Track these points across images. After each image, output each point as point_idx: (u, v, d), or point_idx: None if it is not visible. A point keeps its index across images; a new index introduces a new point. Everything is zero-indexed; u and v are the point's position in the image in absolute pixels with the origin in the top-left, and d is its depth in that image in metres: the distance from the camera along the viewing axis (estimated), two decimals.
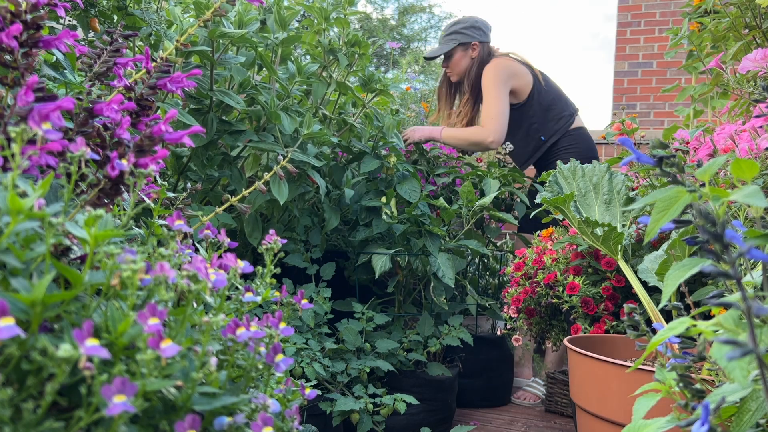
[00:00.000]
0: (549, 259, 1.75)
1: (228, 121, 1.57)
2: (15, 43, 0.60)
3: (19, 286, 0.44)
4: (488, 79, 2.32)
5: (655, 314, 1.22)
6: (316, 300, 1.75)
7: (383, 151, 1.98)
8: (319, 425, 1.57)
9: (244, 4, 1.50)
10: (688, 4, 2.11)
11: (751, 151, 1.07)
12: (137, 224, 0.75)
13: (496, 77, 2.31)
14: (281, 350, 0.62)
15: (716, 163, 0.58)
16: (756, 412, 0.58)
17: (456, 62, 2.42)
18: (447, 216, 1.97)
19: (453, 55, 2.41)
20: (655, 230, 0.58)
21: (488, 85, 2.31)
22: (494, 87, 2.30)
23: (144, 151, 0.64)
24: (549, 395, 2.15)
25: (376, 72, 1.88)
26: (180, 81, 0.79)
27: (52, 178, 0.50)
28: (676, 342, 0.73)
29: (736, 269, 0.47)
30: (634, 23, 5.41)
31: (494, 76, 2.31)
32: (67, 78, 0.94)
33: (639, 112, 5.28)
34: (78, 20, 1.41)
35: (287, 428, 0.63)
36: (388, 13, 11.73)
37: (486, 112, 2.30)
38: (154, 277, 0.51)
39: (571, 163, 1.59)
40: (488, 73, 2.33)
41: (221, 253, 0.70)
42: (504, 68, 2.33)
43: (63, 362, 0.41)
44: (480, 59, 2.40)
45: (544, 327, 1.83)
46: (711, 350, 0.53)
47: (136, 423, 0.48)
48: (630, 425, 0.67)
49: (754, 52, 1.20)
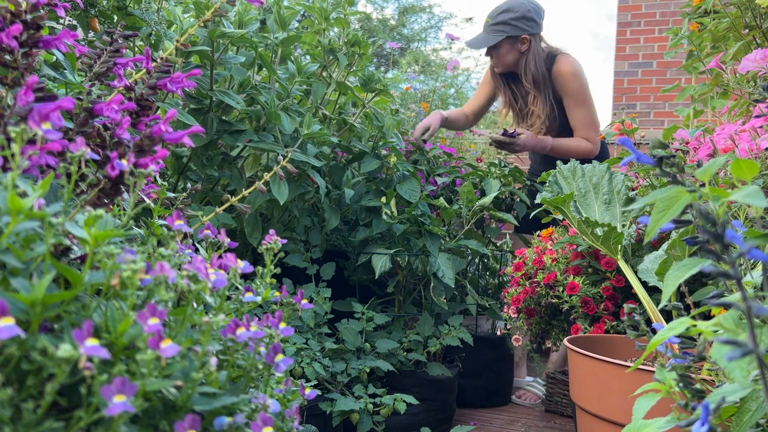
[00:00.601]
0: (549, 259, 1.75)
1: (228, 121, 1.57)
2: (15, 43, 0.60)
3: (19, 286, 0.44)
4: (577, 83, 2.18)
5: (655, 314, 1.22)
6: (316, 300, 1.75)
7: (383, 151, 1.98)
8: (319, 425, 1.57)
9: (244, 4, 1.50)
10: (688, 4, 2.11)
11: (751, 151, 1.07)
12: (137, 224, 0.75)
13: (584, 81, 2.18)
14: (281, 350, 0.62)
15: (716, 163, 0.58)
16: (756, 412, 0.58)
17: (502, 55, 2.23)
18: (447, 216, 1.97)
19: (499, 47, 2.20)
20: (655, 230, 0.58)
21: (578, 91, 2.18)
22: (586, 92, 2.19)
23: (144, 151, 0.64)
24: (549, 395, 2.15)
25: (376, 72, 1.88)
26: (180, 81, 0.79)
27: (52, 178, 0.50)
28: (676, 342, 0.73)
29: (736, 269, 0.47)
30: (634, 23, 5.42)
31: (582, 79, 2.18)
32: (67, 78, 0.94)
33: (639, 112, 5.28)
34: (78, 20, 1.41)
35: (287, 428, 0.63)
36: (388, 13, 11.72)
37: (585, 121, 2.18)
38: (154, 277, 0.51)
39: (571, 163, 1.59)
40: (575, 77, 2.17)
41: (221, 253, 0.70)
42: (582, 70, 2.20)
43: (63, 362, 0.41)
44: (534, 53, 2.20)
45: (544, 327, 1.83)
46: (711, 350, 0.53)
47: (136, 423, 0.48)
48: (630, 425, 0.67)
49: (754, 52, 1.20)
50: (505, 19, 2.17)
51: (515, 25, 2.17)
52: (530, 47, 2.21)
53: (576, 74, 2.19)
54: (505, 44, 2.20)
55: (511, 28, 2.17)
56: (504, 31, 2.17)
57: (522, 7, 2.18)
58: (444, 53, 9.96)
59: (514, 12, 2.17)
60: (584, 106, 2.20)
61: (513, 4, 2.19)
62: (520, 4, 2.19)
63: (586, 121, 2.20)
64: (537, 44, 2.22)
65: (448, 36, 3.56)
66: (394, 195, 1.93)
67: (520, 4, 2.18)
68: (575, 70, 2.20)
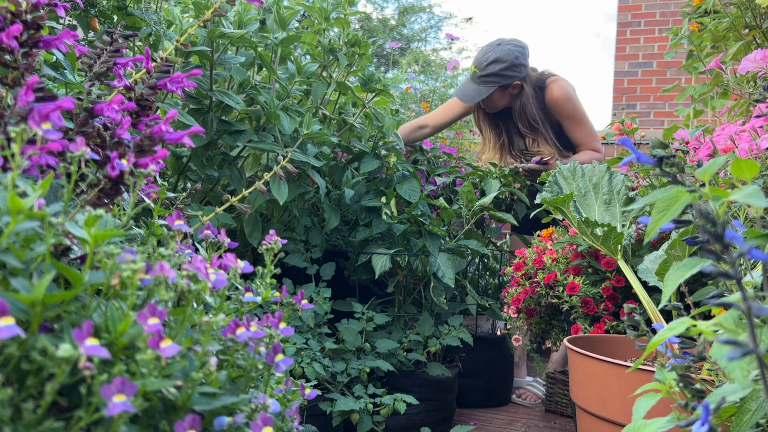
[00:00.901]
0: (549, 259, 1.75)
1: (228, 121, 1.57)
2: (15, 43, 0.60)
3: (19, 286, 0.44)
4: (571, 106, 2.21)
5: (655, 314, 1.22)
6: (316, 300, 1.75)
7: (383, 151, 1.98)
8: (319, 425, 1.57)
9: (244, 4, 1.50)
10: (688, 4, 2.11)
11: (751, 151, 1.07)
12: (137, 224, 0.75)
13: (576, 101, 2.22)
14: (281, 350, 0.62)
15: (716, 163, 0.58)
16: (756, 412, 0.58)
17: (494, 101, 2.25)
18: (447, 216, 1.97)
19: (491, 96, 2.22)
20: (655, 230, 0.58)
21: (574, 113, 2.22)
22: (581, 110, 2.23)
23: (144, 151, 0.64)
24: (549, 395, 2.15)
25: (376, 72, 1.88)
26: (180, 81, 0.79)
27: (52, 178, 0.50)
28: (676, 342, 0.73)
29: (736, 269, 0.47)
30: (634, 23, 5.42)
31: (574, 100, 2.22)
32: (67, 78, 0.94)
33: (639, 112, 5.28)
34: (78, 20, 1.41)
35: (287, 428, 0.63)
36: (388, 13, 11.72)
37: (587, 135, 2.23)
38: (154, 277, 0.51)
39: (571, 164, 1.59)
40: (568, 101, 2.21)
41: (221, 253, 0.70)
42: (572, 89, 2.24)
43: (63, 362, 0.41)
44: (526, 96, 2.21)
45: (544, 327, 1.83)
46: (711, 350, 0.53)
47: (136, 423, 0.48)
48: (630, 425, 0.67)
49: (753, 52, 1.20)
50: (495, 70, 2.17)
51: (505, 74, 2.17)
52: (522, 91, 2.22)
53: (568, 98, 2.22)
54: (496, 92, 2.21)
55: (501, 78, 2.17)
56: (495, 83, 2.18)
57: (510, 55, 2.17)
58: (444, 53, 9.96)
59: (503, 62, 2.16)
60: (583, 124, 2.25)
61: (500, 53, 2.17)
62: (507, 52, 2.17)
63: (587, 135, 2.25)
64: (528, 85, 2.23)
65: (448, 36, 3.56)
66: (394, 195, 1.93)
67: (507, 53, 2.17)
68: (567, 94, 2.22)
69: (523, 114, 2.22)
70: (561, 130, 2.31)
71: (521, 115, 2.23)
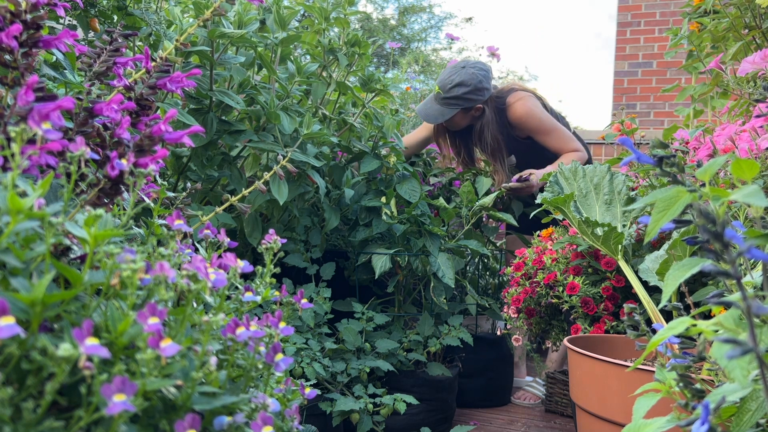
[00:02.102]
0: (549, 259, 1.75)
1: (228, 121, 1.57)
2: (15, 43, 0.60)
3: (19, 286, 0.44)
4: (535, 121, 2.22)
5: (655, 314, 1.22)
6: (316, 300, 1.75)
7: (383, 151, 1.98)
8: (319, 425, 1.57)
9: (244, 4, 1.50)
10: (688, 4, 2.11)
11: (751, 151, 1.07)
12: (137, 224, 0.75)
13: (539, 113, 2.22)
14: (281, 350, 0.62)
15: (716, 163, 0.58)
16: (756, 412, 0.58)
17: (456, 122, 2.27)
18: (447, 216, 1.97)
19: (453, 117, 2.24)
20: (655, 230, 0.58)
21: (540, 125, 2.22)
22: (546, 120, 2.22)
23: (144, 151, 0.64)
24: (549, 395, 2.15)
25: (376, 72, 1.88)
26: (180, 81, 0.79)
27: (52, 178, 0.50)
28: (676, 342, 0.73)
29: (736, 269, 0.47)
30: (634, 23, 5.42)
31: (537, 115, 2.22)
32: (67, 78, 0.94)
33: (639, 112, 5.28)
34: (78, 20, 1.41)
35: (287, 428, 0.63)
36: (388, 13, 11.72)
37: (561, 140, 2.23)
38: (153, 276, 0.51)
39: (572, 164, 1.59)
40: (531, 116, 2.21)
41: (221, 252, 0.70)
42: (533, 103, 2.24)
43: (63, 361, 0.41)
44: (487, 120, 2.24)
45: (544, 327, 1.83)
46: (711, 350, 0.53)
47: (136, 422, 0.48)
48: (630, 425, 0.67)
49: (753, 54, 1.20)
50: (459, 93, 2.19)
51: (469, 98, 2.19)
52: (483, 114, 2.25)
53: (529, 113, 2.22)
54: (458, 114, 2.23)
55: (464, 101, 2.20)
56: (458, 105, 2.20)
57: (474, 79, 2.19)
58: (444, 53, 9.96)
59: (467, 86, 2.19)
60: (552, 132, 2.24)
61: (465, 77, 2.20)
62: (472, 75, 2.19)
63: (561, 140, 2.24)
64: (489, 108, 2.25)
65: (448, 36, 3.56)
66: (394, 195, 1.93)
67: (472, 76, 2.19)
68: (528, 109, 2.23)
69: (482, 136, 2.25)
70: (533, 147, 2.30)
71: (480, 137, 2.26)
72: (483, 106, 2.24)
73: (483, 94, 2.21)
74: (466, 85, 2.18)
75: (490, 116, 2.25)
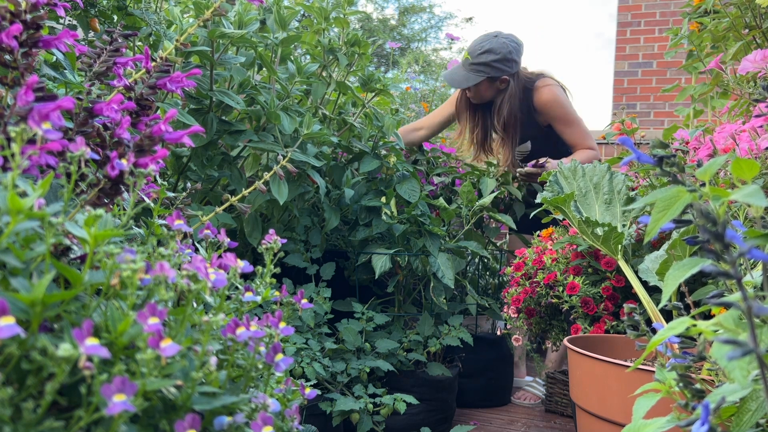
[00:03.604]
0: (549, 259, 1.75)
1: (228, 121, 1.57)
2: (15, 43, 0.60)
3: (19, 286, 0.44)
4: (560, 109, 2.22)
5: (655, 314, 1.22)
6: (316, 300, 1.75)
7: (383, 150, 1.98)
8: (319, 425, 1.57)
9: (244, 4, 1.50)
10: (688, 4, 2.11)
11: (751, 151, 1.07)
12: (137, 224, 0.75)
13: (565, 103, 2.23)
14: (281, 350, 0.62)
15: (716, 163, 0.58)
16: (756, 412, 0.58)
17: (480, 91, 2.25)
18: (447, 216, 1.97)
19: (478, 85, 2.22)
20: (655, 230, 0.58)
21: (563, 115, 2.23)
22: (570, 112, 2.23)
23: (144, 151, 0.64)
24: (549, 395, 2.15)
25: (376, 72, 1.88)
26: (180, 81, 0.79)
27: (52, 178, 0.50)
28: (676, 342, 0.73)
29: (737, 269, 0.47)
30: (634, 23, 5.42)
31: (563, 103, 2.23)
32: (67, 78, 0.94)
33: (639, 112, 5.28)
34: (78, 20, 1.41)
35: (287, 428, 0.63)
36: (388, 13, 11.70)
37: (580, 135, 2.24)
38: (153, 276, 0.51)
39: (572, 163, 1.59)
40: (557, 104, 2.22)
41: (221, 252, 0.70)
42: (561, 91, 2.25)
43: (63, 362, 0.41)
44: (510, 94, 2.22)
45: (544, 327, 1.83)
46: (711, 350, 0.53)
47: (136, 422, 0.48)
48: (630, 425, 0.67)
49: (753, 53, 1.20)
50: (487, 60, 2.17)
51: (496, 66, 2.17)
52: (508, 87, 2.23)
53: (556, 100, 2.22)
54: (484, 83, 2.22)
55: (491, 69, 2.18)
56: (484, 72, 2.18)
57: (504, 48, 2.17)
58: (444, 53, 9.96)
59: (496, 54, 2.17)
60: (574, 125, 2.24)
61: (495, 45, 2.18)
62: (502, 45, 2.18)
63: (580, 135, 2.25)
64: (515, 83, 2.23)
65: (448, 36, 3.56)
66: (393, 195, 1.93)
67: (502, 45, 2.18)
68: (555, 96, 2.22)
69: (501, 109, 2.23)
70: (550, 136, 2.30)
71: (498, 112, 2.24)
72: (509, 79, 2.22)
73: (511, 66, 2.19)
74: (495, 53, 2.16)
75: (514, 91, 2.23)
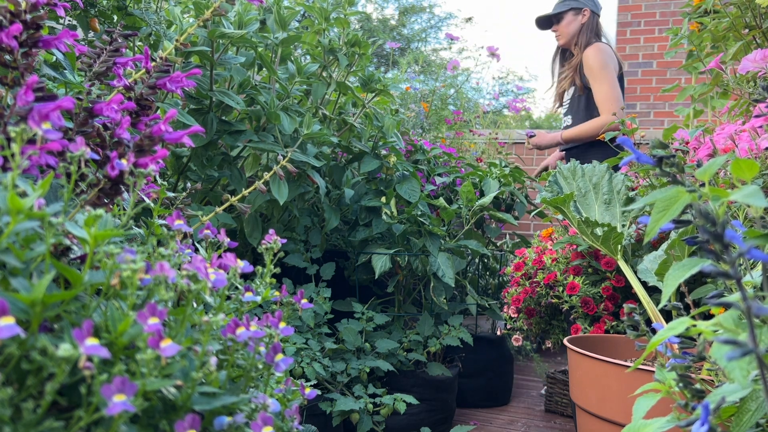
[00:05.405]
0: (549, 259, 1.75)
1: (228, 121, 1.57)
2: (15, 42, 0.60)
3: (19, 286, 0.44)
4: (597, 62, 2.40)
5: (655, 314, 1.22)
6: (316, 300, 1.75)
7: (383, 151, 1.98)
8: (319, 425, 1.57)
9: (244, 4, 1.50)
10: (688, 4, 2.11)
11: (751, 151, 1.07)
12: (137, 224, 0.75)
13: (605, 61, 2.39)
14: (281, 350, 0.62)
15: (716, 163, 0.58)
16: (756, 412, 0.58)
17: (565, 25, 2.51)
18: (447, 216, 1.97)
19: (563, 18, 2.51)
20: (654, 230, 0.58)
21: (598, 69, 2.40)
22: (605, 70, 2.38)
23: (144, 151, 0.64)
24: (549, 395, 2.15)
25: (376, 72, 1.88)
26: (179, 81, 0.79)
27: (52, 178, 0.50)
28: (675, 342, 0.73)
29: (736, 269, 0.47)
30: (634, 23, 5.41)
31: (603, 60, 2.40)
32: (66, 78, 0.94)
33: (639, 112, 5.27)
34: (78, 20, 1.41)
35: (287, 428, 0.63)
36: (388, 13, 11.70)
37: (603, 96, 2.38)
38: (153, 276, 0.51)
39: (571, 163, 1.59)
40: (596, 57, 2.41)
41: (221, 252, 0.70)
42: (609, 54, 2.42)
43: (63, 362, 0.41)
44: (589, 27, 2.49)
45: (544, 327, 1.83)
46: (711, 350, 0.53)
47: (136, 423, 0.48)
48: (630, 425, 0.67)
49: (753, 53, 1.20)
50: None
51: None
52: (588, 21, 2.50)
53: (597, 53, 2.42)
54: (568, 14, 2.51)
55: (575, 1, 2.49)
56: (569, 4, 2.51)
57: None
58: (444, 53, 9.96)
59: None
60: (603, 83, 2.39)
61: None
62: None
63: (606, 97, 2.39)
64: (593, 23, 2.50)
65: (448, 36, 3.55)
66: (394, 195, 1.93)
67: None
68: (599, 50, 2.42)
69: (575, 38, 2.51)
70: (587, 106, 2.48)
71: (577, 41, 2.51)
72: (590, 14, 2.50)
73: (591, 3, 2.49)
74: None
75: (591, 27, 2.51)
